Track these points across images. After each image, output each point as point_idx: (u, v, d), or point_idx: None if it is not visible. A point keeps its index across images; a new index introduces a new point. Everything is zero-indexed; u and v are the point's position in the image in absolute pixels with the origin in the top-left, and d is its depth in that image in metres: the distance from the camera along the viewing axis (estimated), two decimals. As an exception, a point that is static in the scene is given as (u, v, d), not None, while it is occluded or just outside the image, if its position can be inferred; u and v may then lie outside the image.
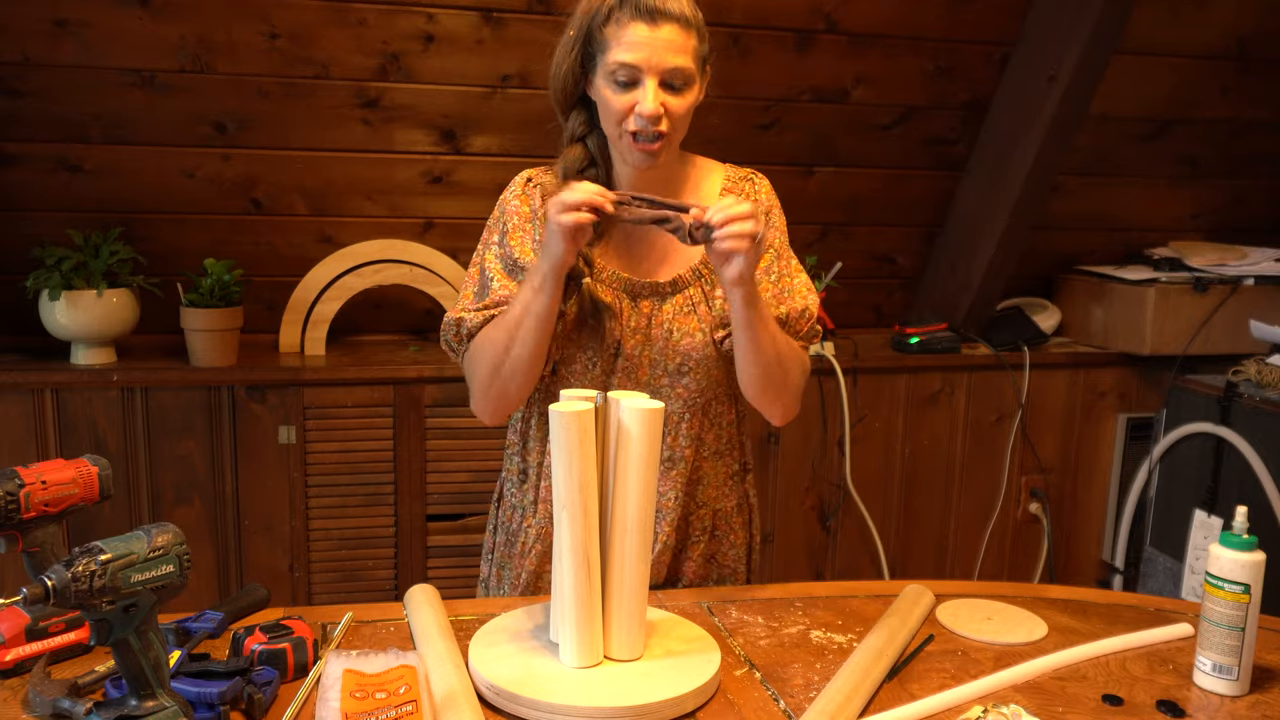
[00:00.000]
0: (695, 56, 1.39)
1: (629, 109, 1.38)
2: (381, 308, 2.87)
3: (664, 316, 1.48)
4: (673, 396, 1.50)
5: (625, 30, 1.36)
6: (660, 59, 1.36)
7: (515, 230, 1.49)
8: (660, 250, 1.50)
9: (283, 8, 2.45)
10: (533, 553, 1.56)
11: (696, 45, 1.39)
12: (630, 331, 1.48)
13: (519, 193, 1.51)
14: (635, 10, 1.35)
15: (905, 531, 3.08)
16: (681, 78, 1.38)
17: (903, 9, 2.72)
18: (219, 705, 1.12)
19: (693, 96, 1.42)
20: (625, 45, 1.36)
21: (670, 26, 1.35)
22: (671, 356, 1.49)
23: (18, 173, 2.54)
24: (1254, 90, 3.10)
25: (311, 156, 2.67)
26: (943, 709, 1.22)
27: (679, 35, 1.36)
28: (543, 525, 1.55)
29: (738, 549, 1.64)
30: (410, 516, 2.66)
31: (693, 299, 1.49)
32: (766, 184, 1.57)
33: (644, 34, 1.35)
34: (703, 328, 1.48)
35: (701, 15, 1.40)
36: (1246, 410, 2.83)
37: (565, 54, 1.43)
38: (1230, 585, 1.27)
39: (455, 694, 1.17)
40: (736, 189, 1.53)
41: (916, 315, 3.23)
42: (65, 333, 2.50)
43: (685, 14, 1.37)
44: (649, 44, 1.35)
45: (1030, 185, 2.89)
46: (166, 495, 2.54)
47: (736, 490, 1.62)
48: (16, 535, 1.23)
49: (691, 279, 1.49)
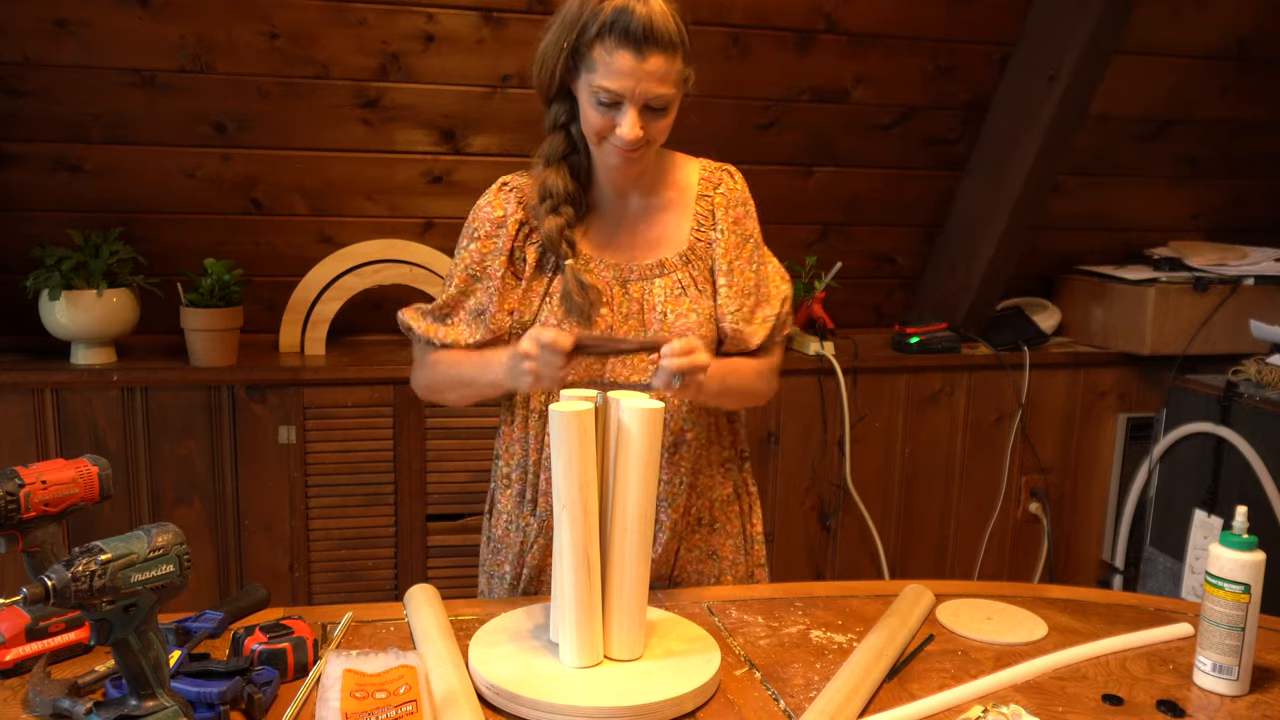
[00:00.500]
0: (678, 80, 1.41)
1: (609, 129, 1.40)
2: (381, 308, 2.87)
3: (655, 300, 1.51)
4: None
5: (612, 56, 1.36)
6: (644, 89, 1.37)
7: (484, 238, 1.52)
8: (643, 236, 1.54)
9: (283, 8, 2.45)
10: (535, 546, 1.57)
11: (681, 68, 1.40)
12: (623, 318, 1.50)
13: (492, 199, 1.53)
14: (624, 37, 1.35)
15: (905, 531, 3.08)
16: (663, 103, 1.40)
17: (903, 9, 2.72)
18: (219, 705, 1.12)
19: (672, 115, 1.44)
20: (611, 72, 1.36)
21: (657, 57, 1.36)
22: (667, 339, 1.50)
23: (18, 173, 2.54)
24: (1254, 90, 3.10)
25: (311, 156, 2.67)
26: (943, 709, 1.22)
27: (664, 64, 1.37)
28: (544, 519, 1.56)
29: (734, 539, 1.65)
30: (410, 516, 2.66)
31: (682, 282, 1.52)
32: (741, 178, 1.60)
33: (629, 64, 1.35)
34: (695, 309, 1.51)
35: (684, 29, 1.40)
36: (1246, 410, 2.83)
37: (552, 54, 1.43)
38: (1230, 585, 1.27)
39: (455, 694, 1.17)
40: (714, 180, 1.56)
41: (916, 315, 3.23)
42: (65, 333, 2.50)
43: (672, 38, 1.37)
44: (633, 74, 1.36)
45: (1030, 185, 2.89)
46: (166, 495, 2.54)
47: (732, 477, 1.64)
48: (16, 535, 1.23)
49: (679, 263, 1.53)
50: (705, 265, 1.54)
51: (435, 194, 2.79)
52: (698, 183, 1.55)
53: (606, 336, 1.37)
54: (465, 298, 1.54)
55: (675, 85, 1.40)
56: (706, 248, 1.54)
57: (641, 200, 1.54)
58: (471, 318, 1.54)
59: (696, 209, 1.55)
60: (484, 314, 1.52)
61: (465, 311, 1.54)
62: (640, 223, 1.54)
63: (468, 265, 1.53)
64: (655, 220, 1.54)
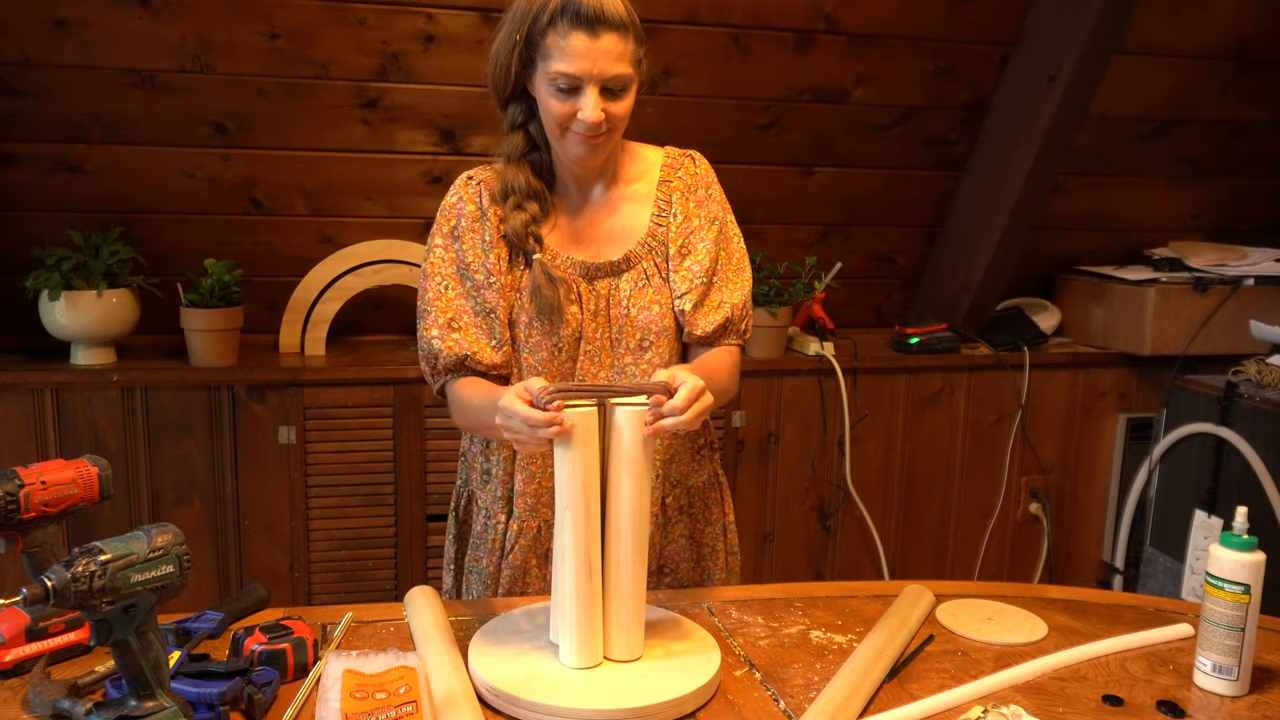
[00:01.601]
0: (633, 60, 1.41)
1: (571, 115, 1.40)
2: (381, 308, 2.87)
3: (620, 295, 1.51)
4: (638, 373, 1.52)
5: (566, 40, 1.37)
6: (601, 68, 1.38)
7: (466, 232, 1.50)
8: (606, 229, 1.53)
9: (283, 8, 2.45)
10: (517, 547, 1.57)
11: (634, 49, 1.41)
12: (590, 315, 1.50)
13: (462, 195, 1.51)
14: (575, 20, 1.36)
15: (905, 531, 3.08)
16: (621, 83, 1.40)
17: (903, 9, 2.72)
18: (219, 705, 1.12)
19: (631, 97, 1.44)
20: (566, 55, 1.37)
21: (610, 36, 1.37)
22: (631, 333, 1.51)
23: (18, 173, 2.54)
24: (1254, 90, 3.10)
25: (311, 156, 2.67)
26: (943, 709, 1.22)
27: (618, 44, 1.38)
28: (522, 520, 1.56)
29: (714, 526, 1.67)
30: (410, 516, 2.66)
31: (646, 272, 1.52)
32: (706, 163, 1.59)
33: (584, 44, 1.36)
34: (659, 299, 1.51)
35: (632, 11, 1.41)
36: (1246, 410, 2.83)
37: (505, 51, 1.43)
38: (1230, 585, 1.27)
39: (455, 695, 1.17)
40: (676, 165, 1.55)
41: (916, 315, 3.23)
42: (65, 333, 2.50)
43: (623, 19, 1.38)
44: (589, 54, 1.37)
45: (1030, 185, 2.89)
46: (166, 495, 2.54)
47: (706, 466, 1.65)
48: (16, 535, 1.23)
49: (643, 253, 1.52)
50: (664, 252, 1.53)
51: (435, 194, 2.78)
52: (661, 168, 1.55)
53: (592, 387, 1.28)
54: (466, 299, 1.49)
55: (631, 65, 1.40)
56: (666, 233, 1.53)
57: (604, 193, 1.54)
58: (481, 319, 1.49)
59: (657, 195, 1.54)
60: (493, 313, 1.49)
61: (472, 315, 1.49)
62: (604, 216, 1.53)
63: (458, 265, 1.50)
64: (618, 212, 1.54)
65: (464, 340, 1.48)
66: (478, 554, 1.61)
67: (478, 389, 1.47)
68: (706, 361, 1.52)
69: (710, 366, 1.51)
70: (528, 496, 1.56)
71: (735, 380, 1.58)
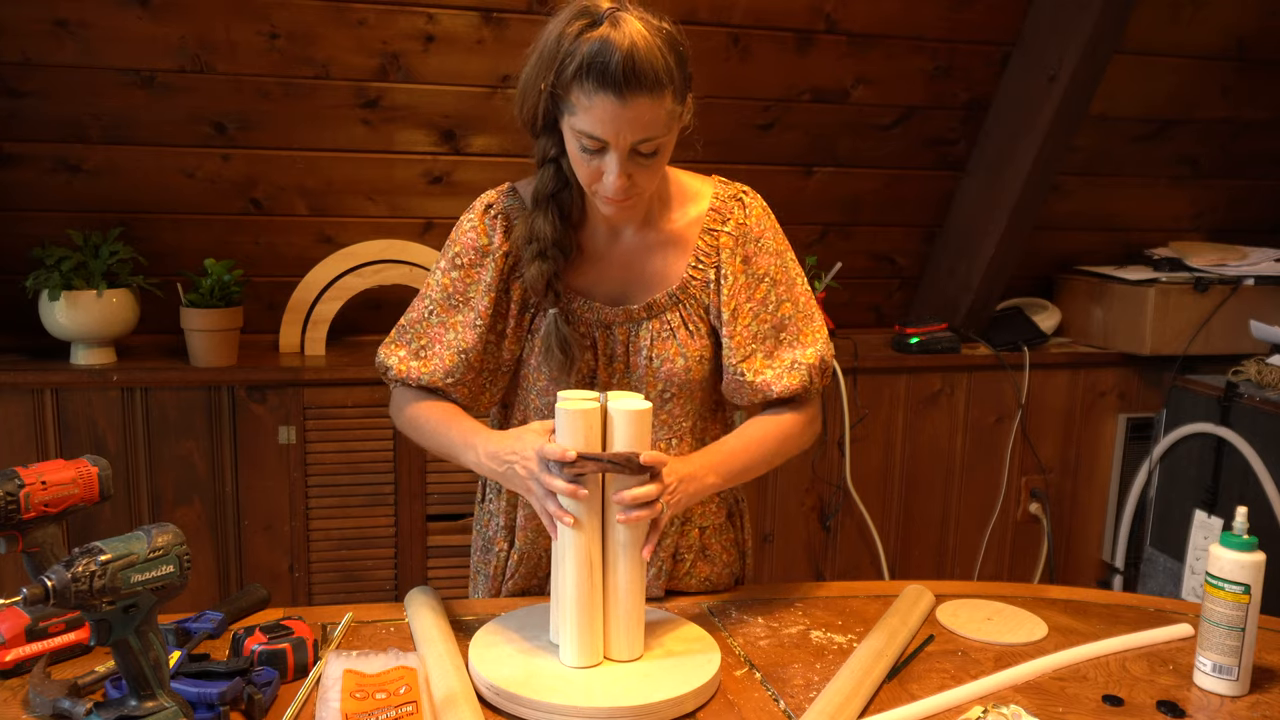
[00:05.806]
0: (668, 119, 1.27)
1: (596, 176, 1.30)
2: (381, 308, 2.87)
3: (641, 343, 1.42)
4: (658, 424, 1.44)
5: (591, 101, 1.23)
6: (628, 136, 1.25)
7: (470, 266, 1.42)
8: (635, 274, 1.43)
9: (283, 8, 2.45)
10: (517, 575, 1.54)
11: (670, 106, 1.26)
12: (606, 360, 1.43)
13: (476, 223, 1.42)
14: (601, 80, 1.22)
15: (905, 531, 3.08)
16: (652, 146, 1.27)
17: (903, 9, 2.72)
18: (219, 705, 1.12)
19: (665, 155, 1.32)
20: (591, 117, 1.24)
21: (641, 100, 1.23)
22: (653, 384, 1.43)
23: (18, 173, 2.54)
24: (1254, 90, 3.10)
25: (311, 156, 2.67)
26: (943, 709, 1.22)
27: (648, 108, 1.24)
28: (523, 551, 1.52)
29: (731, 566, 1.60)
30: (410, 517, 2.66)
31: (670, 324, 1.42)
32: (759, 204, 1.45)
33: (611, 109, 1.23)
34: (684, 352, 1.42)
35: (673, 59, 1.26)
36: (1246, 410, 2.83)
37: (533, 90, 1.31)
38: (1230, 585, 1.27)
39: (455, 695, 1.17)
40: (724, 212, 1.43)
41: (916, 315, 3.23)
42: (65, 333, 2.50)
43: (658, 75, 1.23)
44: (615, 120, 1.23)
45: (1030, 185, 2.89)
46: (166, 495, 2.54)
47: (726, 502, 1.57)
48: (16, 535, 1.23)
49: (669, 303, 1.42)
50: (699, 305, 1.42)
51: (435, 194, 2.79)
52: (706, 213, 1.43)
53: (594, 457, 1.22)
54: (445, 330, 1.42)
55: (665, 126, 1.27)
56: (703, 286, 1.42)
57: (637, 235, 1.43)
58: (451, 353, 1.42)
59: (699, 244, 1.42)
60: (466, 353, 1.41)
61: (443, 346, 1.42)
62: (635, 260, 1.42)
63: (449, 293, 1.43)
64: (650, 257, 1.43)
65: (422, 369, 1.43)
66: (487, 557, 1.59)
67: (435, 410, 1.42)
68: (749, 433, 1.43)
69: (751, 440, 1.43)
70: (529, 531, 1.52)
71: (798, 440, 1.47)
